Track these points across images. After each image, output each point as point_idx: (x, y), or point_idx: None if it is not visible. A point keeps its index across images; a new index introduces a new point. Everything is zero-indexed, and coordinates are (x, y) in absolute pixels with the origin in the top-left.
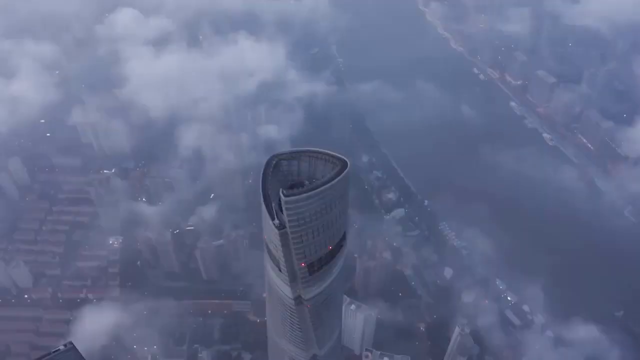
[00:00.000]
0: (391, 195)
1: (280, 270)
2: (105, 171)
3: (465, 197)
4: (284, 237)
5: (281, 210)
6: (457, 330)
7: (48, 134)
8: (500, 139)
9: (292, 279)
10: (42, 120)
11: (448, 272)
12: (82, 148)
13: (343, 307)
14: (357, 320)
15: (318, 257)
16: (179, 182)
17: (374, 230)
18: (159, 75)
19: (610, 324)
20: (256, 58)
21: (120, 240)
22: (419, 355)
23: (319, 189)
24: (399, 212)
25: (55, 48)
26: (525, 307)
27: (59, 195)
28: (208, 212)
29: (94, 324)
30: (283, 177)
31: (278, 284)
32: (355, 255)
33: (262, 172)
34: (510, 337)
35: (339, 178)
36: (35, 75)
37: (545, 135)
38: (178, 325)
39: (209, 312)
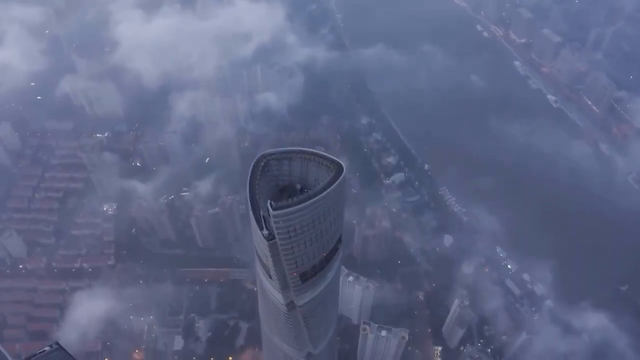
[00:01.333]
0: (391, 159)
1: (270, 277)
2: (98, 135)
3: (466, 161)
4: (273, 248)
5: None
6: (456, 302)
7: (39, 97)
8: (503, 100)
9: (284, 287)
10: (32, 84)
11: (448, 240)
12: (74, 111)
13: (341, 278)
14: (354, 292)
15: (311, 266)
16: (173, 147)
17: (373, 195)
18: (152, 38)
19: (614, 299)
20: (252, 19)
21: (115, 207)
22: (417, 325)
23: (311, 200)
24: (398, 177)
25: (43, 10)
26: (525, 276)
27: (51, 160)
28: (203, 176)
29: (90, 294)
30: (273, 178)
31: (269, 289)
32: (354, 222)
33: (249, 173)
34: (509, 306)
35: (333, 186)
36: (24, 38)
37: (549, 96)
38: (174, 294)
39: (206, 280)
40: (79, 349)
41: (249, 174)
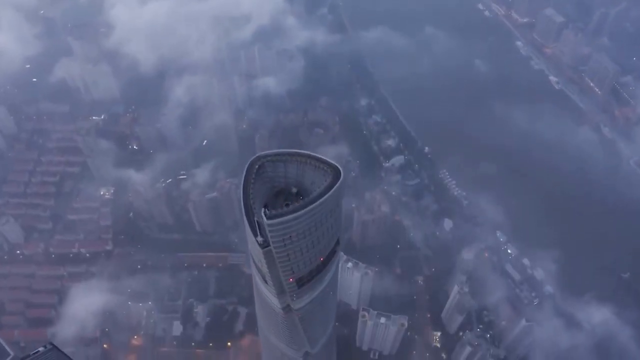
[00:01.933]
0: (390, 142)
1: (266, 282)
2: (94, 117)
3: (466, 144)
4: (268, 255)
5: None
6: (455, 288)
7: (34, 80)
8: (505, 81)
9: (280, 292)
10: (28, 66)
11: (447, 224)
12: (70, 94)
13: (340, 264)
14: (353, 278)
15: (308, 271)
16: (170, 129)
17: (373, 178)
18: (148, 20)
19: (616, 287)
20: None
21: (112, 192)
22: (417, 310)
23: (308, 208)
24: (398, 159)
25: None
26: (525, 261)
27: (47, 144)
28: (201, 159)
29: (87, 280)
30: (268, 181)
31: (265, 292)
32: (353, 206)
33: (243, 176)
34: (509, 292)
35: (331, 192)
36: (18, 21)
37: (551, 78)
38: (173, 280)
39: (204, 265)
40: (77, 335)
41: (243, 176)
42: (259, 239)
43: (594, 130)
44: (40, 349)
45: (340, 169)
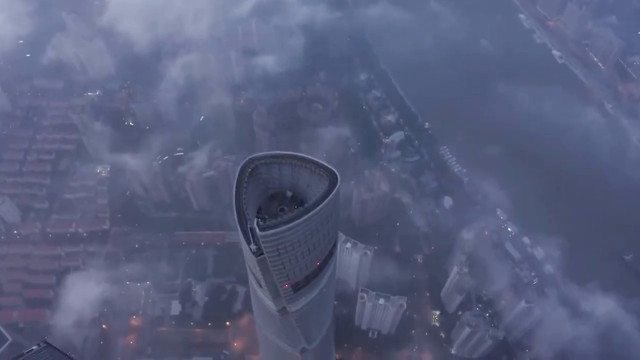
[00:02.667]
0: (390, 117)
1: (261, 287)
2: (89, 93)
3: (466, 119)
4: (262, 263)
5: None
6: (455, 269)
7: (27, 55)
8: (507, 56)
9: (275, 296)
10: (21, 41)
11: (447, 202)
12: (65, 70)
13: (338, 245)
14: (352, 258)
15: (304, 276)
16: (166, 105)
17: (372, 155)
18: None
19: (618, 267)
20: None
21: (108, 169)
22: (416, 289)
23: (302, 218)
24: (398, 136)
25: None
26: (525, 240)
27: (42, 121)
28: (198, 135)
29: (85, 260)
30: (262, 184)
31: (261, 295)
32: (352, 183)
33: (235, 179)
34: (509, 271)
35: (327, 200)
36: None
37: (554, 52)
38: (171, 259)
39: (202, 244)
40: (76, 316)
41: (235, 179)
42: (252, 247)
43: (597, 107)
44: (34, 347)
45: (337, 174)
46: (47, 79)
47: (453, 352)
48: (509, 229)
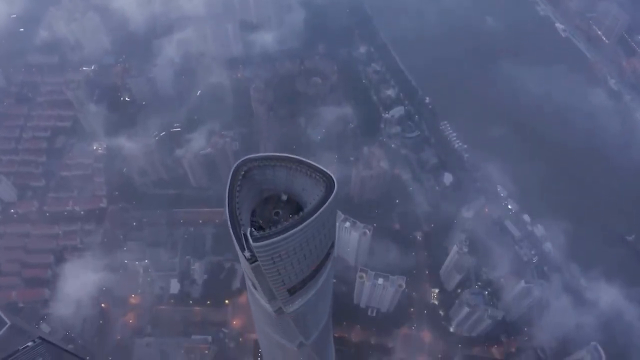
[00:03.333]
0: (390, 92)
1: (256, 289)
2: (84, 68)
3: (466, 92)
4: (257, 270)
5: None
6: (455, 248)
7: (21, 29)
8: (509, 28)
9: (271, 299)
10: (13, 15)
11: (448, 178)
12: (59, 45)
13: (337, 224)
14: (351, 237)
15: (300, 280)
16: (162, 81)
17: (371, 130)
18: None
19: (620, 248)
20: None
21: (104, 146)
22: (415, 266)
23: (297, 228)
24: (398, 110)
25: None
26: (526, 217)
27: (37, 98)
28: (195, 110)
29: (83, 239)
30: (256, 186)
31: (257, 295)
32: (352, 159)
33: (228, 183)
34: (509, 249)
35: (323, 208)
36: None
37: (557, 25)
38: (169, 236)
39: (200, 221)
40: (75, 295)
41: (228, 182)
42: (247, 253)
43: (601, 85)
44: (29, 343)
45: (334, 178)
46: (41, 54)
47: (452, 330)
48: (510, 206)
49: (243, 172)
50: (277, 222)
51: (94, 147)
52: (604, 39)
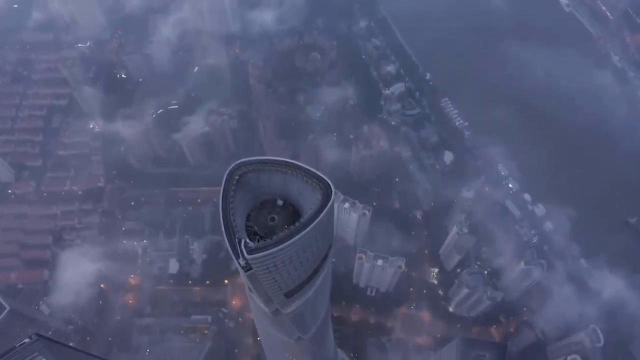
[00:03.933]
0: (390, 68)
1: (252, 292)
2: (79, 45)
3: (467, 68)
4: (252, 278)
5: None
6: (454, 229)
7: (15, 6)
8: (512, 5)
9: (267, 302)
10: None
11: (448, 157)
12: (54, 21)
13: (336, 205)
14: (350, 218)
15: (297, 285)
16: (159, 58)
17: (371, 107)
18: None
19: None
20: None
21: (101, 124)
22: (415, 246)
23: (294, 239)
24: (398, 87)
25: None
26: (526, 196)
27: (32, 76)
28: (192, 87)
29: (81, 219)
30: (250, 191)
31: (254, 296)
32: (351, 137)
33: (222, 187)
34: (508, 228)
35: (320, 217)
36: None
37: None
38: (167, 216)
39: (199, 200)
40: (73, 278)
41: (222, 186)
42: (241, 261)
43: (604, 60)
44: (26, 340)
45: (332, 185)
46: (36, 31)
47: (451, 310)
48: (510, 185)
49: (237, 177)
50: (272, 228)
51: (91, 126)
52: (608, 14)
